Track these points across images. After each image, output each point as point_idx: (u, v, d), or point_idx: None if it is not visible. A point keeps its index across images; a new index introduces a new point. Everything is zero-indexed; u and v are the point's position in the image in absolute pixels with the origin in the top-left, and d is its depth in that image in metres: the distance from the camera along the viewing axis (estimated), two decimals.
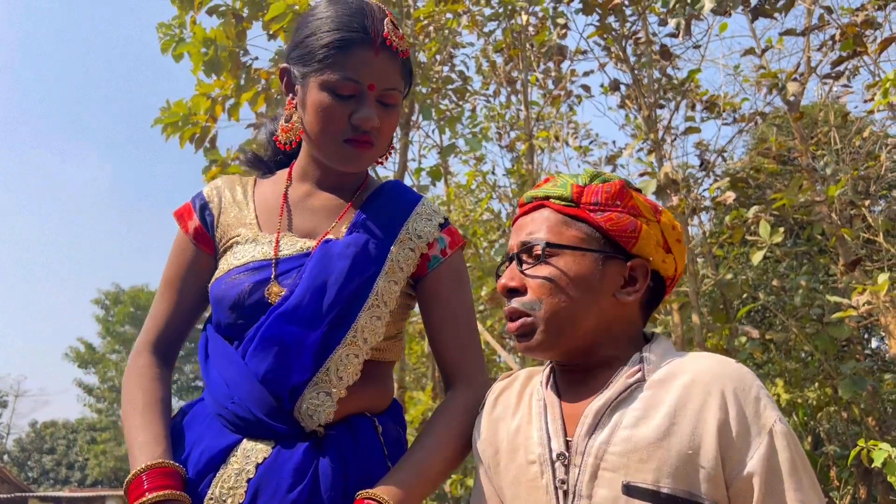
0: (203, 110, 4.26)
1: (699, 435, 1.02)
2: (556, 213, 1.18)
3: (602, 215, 1.16)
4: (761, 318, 7.50)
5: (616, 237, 1.16)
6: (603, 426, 1.08)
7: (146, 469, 1.22)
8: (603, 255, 1.15)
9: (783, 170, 5.76)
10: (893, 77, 3.22)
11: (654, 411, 1.05)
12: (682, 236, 1.23)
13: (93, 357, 34.41)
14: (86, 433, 35.50)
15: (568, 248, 1.15)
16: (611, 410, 1.08)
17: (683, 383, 1.07)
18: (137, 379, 1.38)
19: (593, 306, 1.14)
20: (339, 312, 1.30)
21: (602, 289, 1.15)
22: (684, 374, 1.08)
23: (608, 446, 1.06)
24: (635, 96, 4.73)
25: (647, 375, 1.10)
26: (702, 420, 1.03)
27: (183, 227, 1.46)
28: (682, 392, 1.06)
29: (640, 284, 1.17)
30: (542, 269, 1.16)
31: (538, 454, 1.12)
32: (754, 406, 1.03)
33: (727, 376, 1.05)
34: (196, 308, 1.46)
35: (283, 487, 1.21)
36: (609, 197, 1.17)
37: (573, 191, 1.18)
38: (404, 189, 1.50)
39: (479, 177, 6.29)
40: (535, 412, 1.17)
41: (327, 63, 1.30)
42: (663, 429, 1.03)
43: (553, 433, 1.12)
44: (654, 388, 1.08)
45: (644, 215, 1.18)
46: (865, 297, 3.54)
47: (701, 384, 1.05)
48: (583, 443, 1.08)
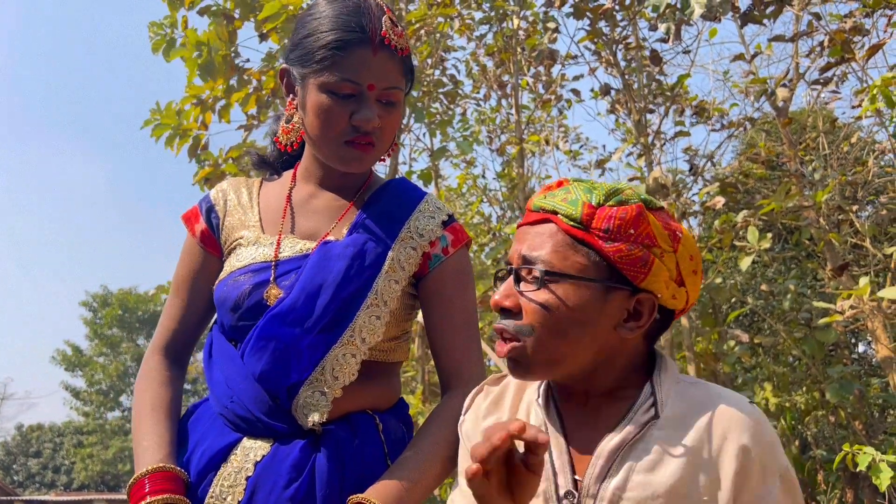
0: (193, 118, 4.25)
1: (715, 483, 1.00)
2: (563, 233, 1.08)
3: (611, 245, 1.06)
4: (750, 322, 7.54)
5: (624, 270, 1.06)
6: (617, 469, 1.03)
7: (148, 473, 1.24)
8: (606, 287, 1.06)
9: (772, 175, 5.79)
10: (881, 83, 3.24)
11: (671, 456, 1.02)
12: (699, 266, 1.14)
13: (80, 360, 34.19)
14: (72, 437, 35.25)
15: (569, 278, 1.06)
16: (624, 454, 1.04)
17: (700, 426, 1.03)
18: (147, 382, 1.39)
19: (590, 340, 1.07)
20: (335, 313, 1.30)
21: (602, 322, 1.07)
22: (701, 415, 1.04)
23: (623, 492, 1.02)
24: (625, 101, 4.75)
25: (659, 412, 1.05)
26: (718, 468, 1.01)
27: (190, 230, 1.47)
28: (699, 436, 1.02)
29: (644, 320, 1.08)
30: (540, 295, 1.07)
31: (543, 489, 1.07)
32: (770, 454, 1.02)
33: (743, 426, 1.02)
34: (206, 310, 1.47)
35: (279, 484, 1.22)
36: (622, 224, 1.06)
37: (584, 212, 1.07)
38: (408, 186, 1.48)
39: (469, 180, 6.30)
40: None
41: (326, 64, 1.29)
42: (679, 475, 1.00)
43: (559, 469, 1.08)
44: (668, 427, 1.04)
45: (659, 245, 1.08)
46: (850, 301, 3.56)
47: (718, 429, 1.03)
48: (595, 486, 1.04)
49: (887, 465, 2.36)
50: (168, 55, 4.09)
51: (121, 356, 34.50)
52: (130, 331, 35.21)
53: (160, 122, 4.25)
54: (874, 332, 4.27)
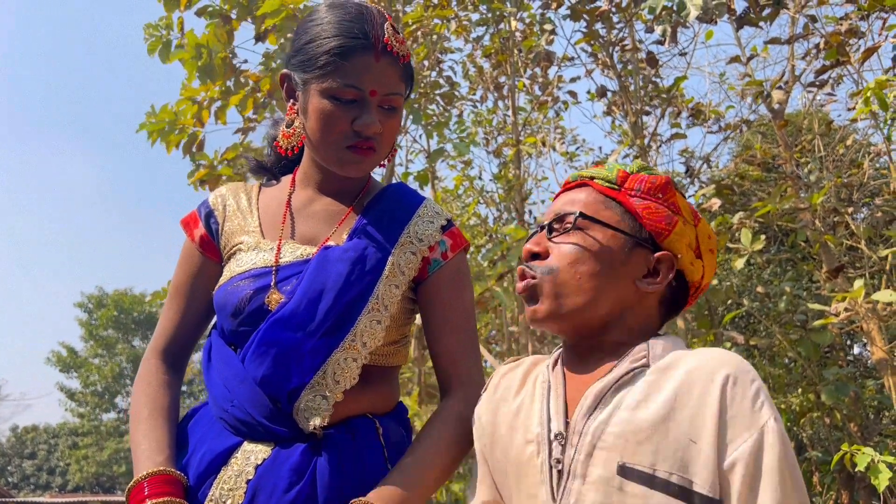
0: (190, 115, 4.24)
1: (700, 419, 1.01)
2: (597, 193, 1.18)
3: (641, 202, 1.16)
4: (745, 324, 7.55)
5: (649, 226, 1.15)
6: (603, 407, 1.07)
7: (148, 476, 1.25)
8: (633, 241, 1.15)
9: (767, 177, 5.81)
10: (875, 86, 3.25)
11: (656, 395, 1.05)
12: (716, 247, 1.22)
13: (75, 361, 34.12)
14: (67, 438, 35.17)
15: (600, 224, 1.15)
16: (612, 392, 1.07)
17: (686, 369, 1.06)
18: (144, 386, 1.39)
19: (611, 287, 1.13)
20: (337, 317, 1.30)
21: (623, 272, 1.14)
22: (688, 362, 1.07)
23: (606, 426, 1.05)
24: (622, 103, 4.76)
25: (651, 362, 1.09)
26: (702, 407, 1.02)
27: (189, 235, 1.47)
28: (684, 378, 1.05)
29: (662, 277, 1.15)
30: (571, 237, 1.15)
31: (536, 433, 1.11)
32: (752, 399, 1.02)
33: (730, 368, 1.04)
34: (204, 315, 1.47)
35: (280, 487, 1.22)
36: (652, 187, 1.17)
37: (618, 175, 1.18)
38: (407, 191, 1.49)
39: (466, 181, 6.30)
40: (539, 393, 1.16)
41: (328, 70, 1.30)
42: (663, 413, 1.03)
43: (554, 413, 1.11)
44: (657, 373, 1.08)
45: (683, 214, 1.18)
46: (844, 304, 3.57)
47: (704, 372, 1.04)
48: (581, 422, 1.07)
49: (885, 465, 2.36)
50: (164, 57, 4.09)
51: (116, 357, 34.43)
52: (126, 332, 35.14)
53: (156, 118, 4.24)
54: (869, 334, 4.28)
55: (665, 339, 1.15)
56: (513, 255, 4.06)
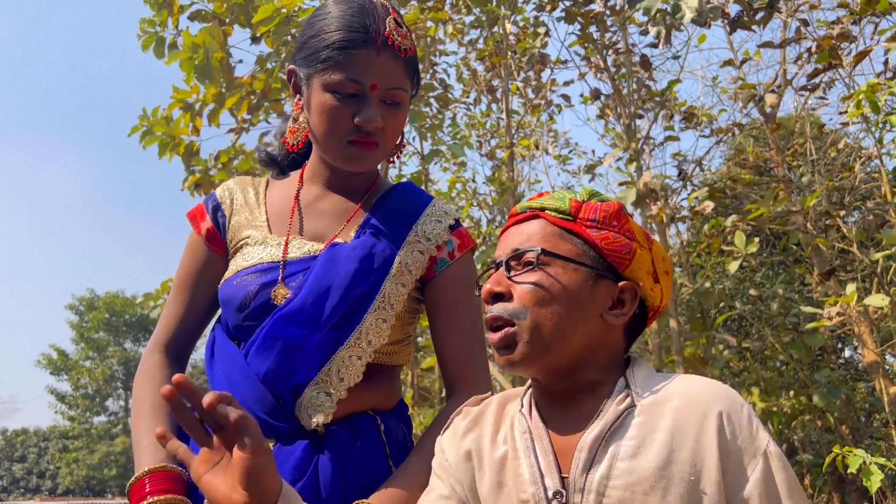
0: (184, 124, 4.24)
1: (700, 459, 1.00)
2: (552, 226, 1.14)
3: (598, 233, 1.13)
4: (738, 326, 7.58)
5: (610, 257, 1.12)
6: (599, 460, 1.03)
7: (149, 472, 1.24)
8: (595, 273, 1.12)
9: (760, 180, 5.83)
10: (866, 89, 3.27)
11: (651, 439, 1.02)
12: (671, 269, 1.21)
13: (66, 364, 33.96)
14: (58, 441, 35.00)
15: (563, 259, 1.11)
16: (605, 443, 1.04)
17: (676, 407, 1.04)
18: (146, 380, 1.38)
19: (581, 323, 1.10)
20: (343, 315, 1.30)
21: (591, 307, 1.11)
22: (675, 397, 1.05)
23: (609, 480, 1.02)
24: (615, 106, 4.77)
25: (636, 401, 1.07)
26: (701, 444, 1.01)
27: (195, 228, 1.46)
28: (676, 416, 1.03)
29: (628, 308, 1.13)
30: (533, 276, 1.10)
31: (531, 493, 1.06)
32: (748, 428, 1.02)
33: (719, 399, 1.04)
34: (208, 309, 1.46)
35: None
36: (607, 216, 1.14)
37: (571, 205, 1.15)
38: (415, 190, 1.48)
39: (459, 184, 6.30)
40: (522, 446, 1.11)
41: (329, 64, 1.29)
42: (664, 457, 1.01)
43: (546, 469, 1.07)
44: (645, 413, 1.05)
45: (638, 240, 1.16)
46: (837, 308, 3.59)
47: (695, 407, 1.03)
48: (580, 479, 1.04)
49: (877, 467, 2.37)
50: (158, 53, 4.07)
51: (107, 360, 34.29)
52: (117, 334, 35.00)
53: (149, 128, 4.23)
54: (860, 337, 4.30)
55: (638, 368, 1.13)
56: None
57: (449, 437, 1.21)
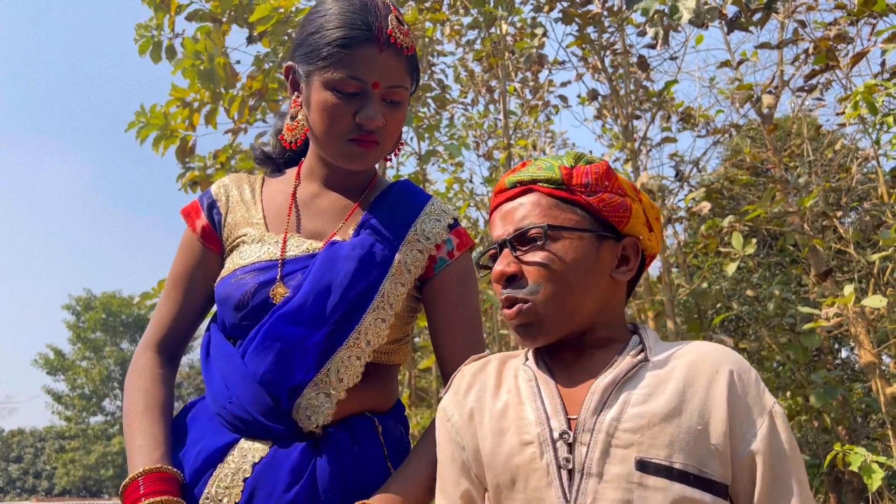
0: (181, 119, 4.23)
1: (708, 411, 1.04)
2: (547, 197, 1.15)
3: (594, 197, 1.14)
4: (735, 327, 7.58)
5: (609, 217, 1.15)
6: (611, 404, 1.06)
7: (143, 474, 1.22)
8: (598, 236, 1.14)
9: (756, 181, 5.83)
10: (863, 90, 3.27)
11: (663, 388, 1.06)
12: (659, 215, 1.25)
13: (62, 364, 33.88)
14: (54, 441, 34.93)
15: (568, 230, 1.13)
16: (618, 389, 1.07)
17: (689, 361, 1.08)
18: (139, 380, 1.36)
19: (592, 288, 1.13)
20: (342, 314, 1.29)
21: (599, 270, 1.14)
22: (688, 354, 1.09)
23: (619, 423, 1.04)
24: (612, 106, 4.77)
25: (649, 355, 1.10)
26: (711, 396, 1.05)
27: (190, 225, 1.44)
28: (689, 370, 1.07)
29: (632, 263, 1.17)
30: (540, 254, 1.12)
31: (536, 433, 1.08)
32: (756, 387, 1.06)
33: (730, 358, 1.08)
34: (202, 307, 1.45)
35: (279, 487, 1.21)
36: (598, 178, 1.15)
37: (562, 173, 1.15)
38: (414, 189, 1.48)
39: (456, 184, 6.30)
40: (527, 392, 1.13)
41: (331, 61, 1.28)
42: (674, 405, 1.04)
43: (552, 412, 1.09)
44: (658, 367, 1.08)
45: (629, 195, 1.18)
46: (834, 309, 3.59)
47: (708, 362, 1.07)
48: (591, 420, 1.06)
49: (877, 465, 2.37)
50: (155, 57, 4.08)
51: (104, 360, 34.21)
52: (114, 335, 34.93)
53: (146, 124, 4.22)
54: (857, 338, 4.30)
55: (648, 332, 1.17)
56: None
57: (451, 399, 1.22)
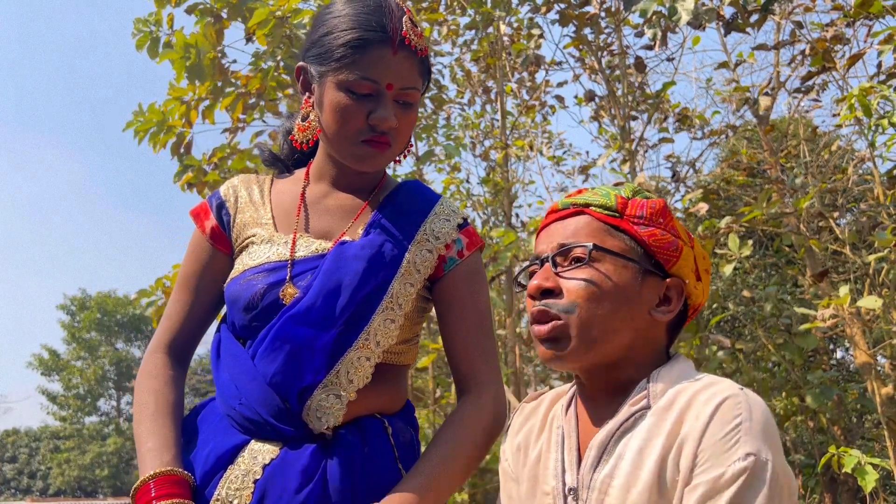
0: (178, 115, 4.22)
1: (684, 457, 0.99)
2: (598, 221, 1.14)
3: (645, 230, 1.12)
4: (731, 327, 7.60)
5: (657, 254, 1.12)
6: (607, 459, 1.04)
7: (154, 476, 1.22)
8: (643, 269, 1.11)
9: (753, 182, 5.85)
10: (860, 92, 3.28)
11: (656, 439, 1.02)
12: (710, 267, 1.21)
13: (57, 364, 33.81)
14: (49, 441, 34.83)
15: (613, 255, 1.10)
16: (615, 440, 1.05)
17: (682, 408, 1.02)
18: (149, 381, 1.36)
19: (629, 319, 1.10)
20: (352, 314, 1.28)
21: (639, 303, 1.11)
22: (685, 400, 1.03)
23: (612, 479, 1.02)
24: (609, 107, 4.78)
25: (651, 402, 1.06)
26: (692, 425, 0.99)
27: (200, 226, 1.44)
28: (678, 417, 1.02)
29: (674, 304, 1.13)
30: (583, 273, 1.10)
31: (552, 487, 1.08)
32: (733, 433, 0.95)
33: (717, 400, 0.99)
34: (212, 308, 1.45)
35: (290, 489, 1.20)
36: (653, 213, 1.13)
37: (617, 201, 1.14)
38: (423, 189, 1.47)
39: (453, 185, 6.30)
40: (554, 441, 1.13)
41: (345, 62, 1.28)
42: (661, 457, 1.00)
43: (568, 465, 1.08)
44: (657, 415, 1.04)
45: (682, 238, 1.16)
46: (830, 310, 3.60)
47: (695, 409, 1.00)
48: (588, 476, 1.05)
49: (871, 467, 2.38)
50: (152, 53, 4.06)
51: (99, 360, 34.15)
52: (109, 335, 34.86)
53: (144, 117, 4.21)
54: (853, 339, 4.32)
55: (668, 368, 1.11)
56: (502, 257, 4.07)
57: (508, 444, 1.24)
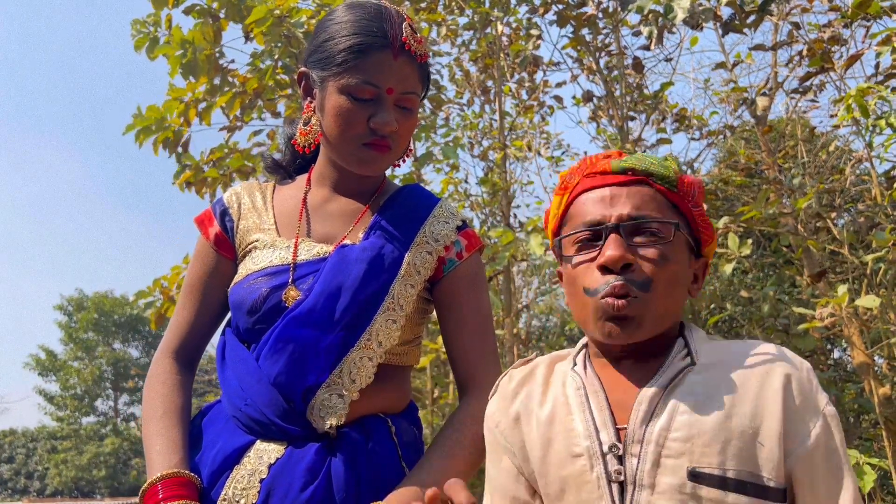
0: (177, 113, 4.22)
1: (761, 415, 1.01)
2: (661, 195, 1.11)
3: (696, 210, 1.12)
4: (728, 327, 7.61)
5: (701, 233, 1.14)
6: (659, 413, 1.03)
7: (162, 478, 1.25)
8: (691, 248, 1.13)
9: (751, 182, 5.85)
10: (857, 93, 3.29)
11: (712, 394, 1.03)
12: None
13: (54, 364, 33.78)
14: (46, 442, 34.77)
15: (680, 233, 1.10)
16: (665, 396, 1.04)
17: (737, 365, 1.05)
18: (157, 385, 1.39)
19: (683, 297, 1.12)
20: (354, 316, 1.31)
21: (687, 281, 1.13)
22: (737, 355, 1.07)
23: (668, 432, 1.02)
24: (607, 108, 4.78)
25: (696, 359, 1.07)
26: (763, 400, 1.02)
27: (204, 233, 1.47)
28: (738, 373, 1.04)
29: (700, 283, 1.16)
30: (660, 249, 1.07)
31: (585, 447, 1.06)
32: (809, 387, 1.03)
33: (782, 358, 1.05)
34: (218, 313, 1.47)
35: (295, 487, 1.22)
36: (701, 191, 1.13)
37: (677, 177, 1.12)
38: (423, 192, 1.50)
39: (452, 185, 6.31)
40: (576, 402, 1.11)
41: (347, 67, 1.31)
42: (724, 411, 1.01)
43: (601, 424, 1.07)
44: (705, 371, 1.06)
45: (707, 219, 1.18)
46: (829, 309, 3.61)
47: (759, 364, 1.05)
48: (640, 431, 1.03)
49: (869, 467, 2.39)
50: (151, 53, 4.06)
51: (96, 360, 34.13)
52: (107, 335, 34.84)
53: (143, 118, 4.21)
54: (850, 339, 4.32)
55: (694, 331, 1.13)
56: (500, 257, 4.07)
57: (497, 404, 1.21)
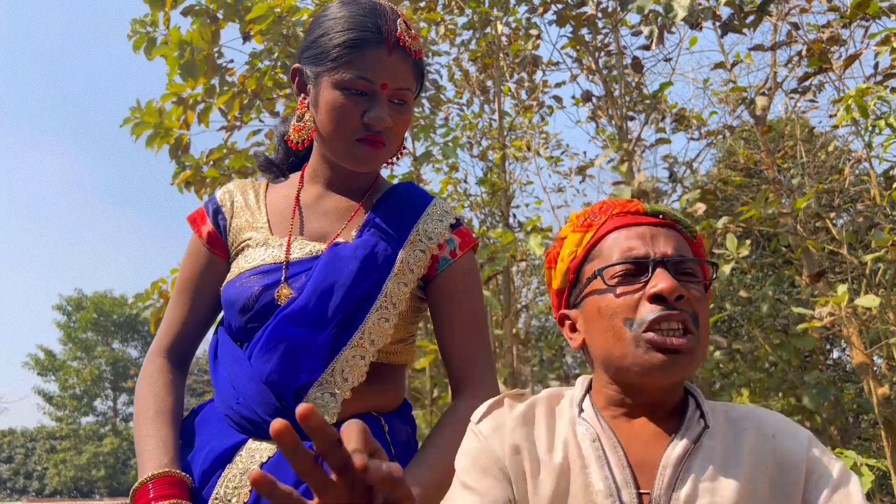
0: (176, 117, 4.22)
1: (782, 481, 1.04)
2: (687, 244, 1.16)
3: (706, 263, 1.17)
4: (728, 328, 7.62)
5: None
6: (684, 479, 1.03)
7: (153, 478, 1.24)
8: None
9: (750, 182, 5.86)
10: (856, 93, 3.29)
11: (733, 459, 1.04)
12: None
13: (53, 364, 33.77)
14: (45, 442, 34.76)
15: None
16: (687, 461, 1.04)
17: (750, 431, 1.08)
18: (149, 385, 1.39)
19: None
20: (346, 314, 1.30)
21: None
22: (746, 422, 1.09)
23: (695, 500, 1.01)
24: (606, 108, 4.78)
25: (709, 422, 1.08)
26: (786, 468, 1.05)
27: (196, 231, 1.47)
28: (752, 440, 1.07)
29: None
30: (699, 289, 1.11)
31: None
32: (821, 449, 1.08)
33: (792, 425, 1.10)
34: (210, 312, 1.47)
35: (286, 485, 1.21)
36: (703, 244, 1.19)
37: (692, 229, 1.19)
38: (416, 190, 1.49)
39: (451, 185, 6.30)
40: (593, 455, 1.08)
41: (341, 62, 1.31)
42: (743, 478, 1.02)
43: (622, 484, 1.05)
44: (719, 436, 1.07)
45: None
46: (828, 309, 3.61)
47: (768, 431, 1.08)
48: (665, 496, 1.03)
49: (867, 468, 2.39)
50: (149, 53, 4.06)
51: (95, 360, 34.12)
52: (105, 335, 34.84)
53: (140, 121, 4.21)
54: (849, 339, 4.32)
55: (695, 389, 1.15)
56: (499, 258, 4.07)
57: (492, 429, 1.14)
